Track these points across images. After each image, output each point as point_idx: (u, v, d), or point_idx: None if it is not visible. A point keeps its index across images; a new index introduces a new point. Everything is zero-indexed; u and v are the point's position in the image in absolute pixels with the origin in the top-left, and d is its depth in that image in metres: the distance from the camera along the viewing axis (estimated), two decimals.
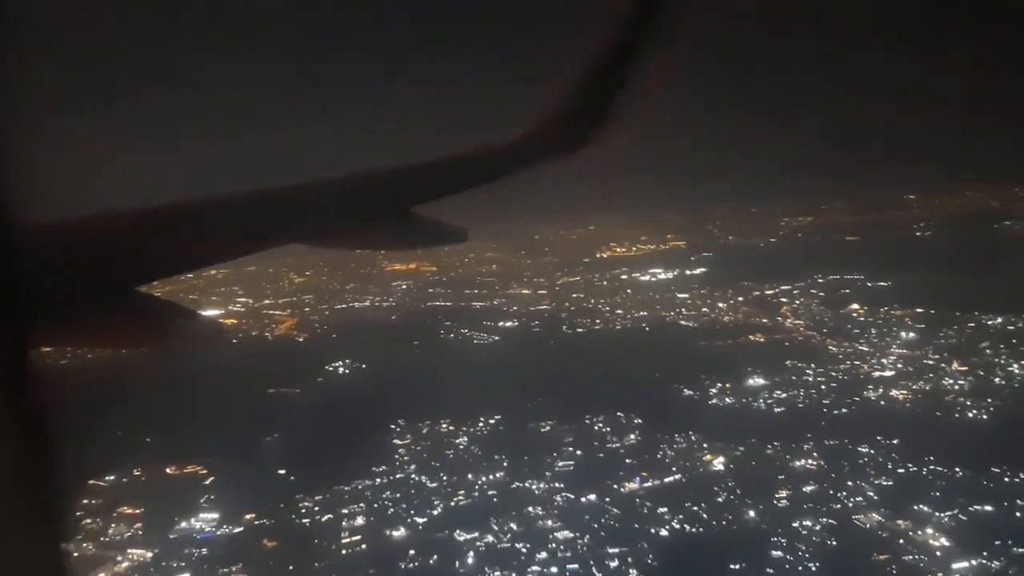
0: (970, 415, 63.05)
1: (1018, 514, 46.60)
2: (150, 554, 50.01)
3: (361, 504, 55.44)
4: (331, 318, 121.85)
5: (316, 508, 55.06)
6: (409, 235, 7.62)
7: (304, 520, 53.75)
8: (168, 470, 60.77)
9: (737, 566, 43.66)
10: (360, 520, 53.10)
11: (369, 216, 7.17)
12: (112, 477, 59.37)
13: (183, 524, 53.31)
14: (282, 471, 60.36)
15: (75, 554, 50.55)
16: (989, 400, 65.04)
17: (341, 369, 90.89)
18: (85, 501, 56.52)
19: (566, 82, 8.57)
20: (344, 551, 49.71)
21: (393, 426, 69.76)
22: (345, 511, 54.56)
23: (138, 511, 54.69)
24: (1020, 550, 42.75)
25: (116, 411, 70.32)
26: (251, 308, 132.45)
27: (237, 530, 52.43)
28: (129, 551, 50.49)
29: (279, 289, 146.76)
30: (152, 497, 56.62)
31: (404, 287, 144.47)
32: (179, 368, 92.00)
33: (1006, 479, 50.07)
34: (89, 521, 53.88)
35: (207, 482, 59.26)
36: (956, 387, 69.40)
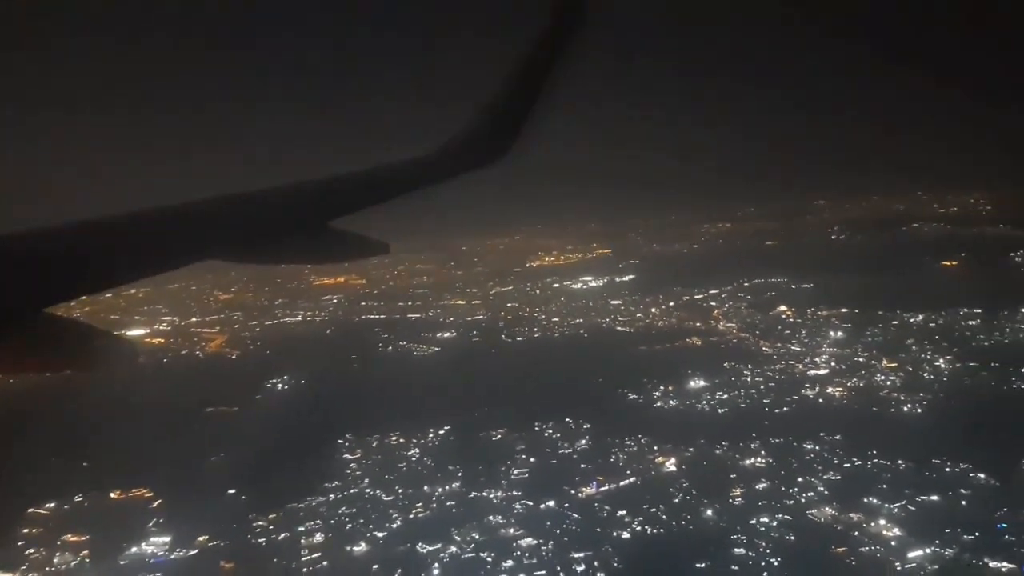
0: (905, 409, 65.88)
1: (963, 503, 48.94)
2: None
3: (317, 521, 54.56)
4: (263, 334, 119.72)
5: (271, 527, 53.93)
6: (330, 249, 7.49)
7: (260, 540, 52.58)
8: (112, 495, 58.73)
9: (702, 564, 44.62)
10: (319, 537, 52.25)
11: (287, 231, 7.05)
12: (52, 504, 57.04)
13: (133, 549, 51.55)
14: (231, 491, 58.91)
15: None
16: (921, 395, 68.12)
17: (280, 386, 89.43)
18: (26, 531, 54.21)
19: (481, 95, 8.75)
20: (305, 569, 48.83)
21: (341, 441, 68.93)
22: (301, 528, 53.59)
23: (83, 538, 52.72)
24: (970, 537, 44.88)
25: (47, 437, 67.92)
26: (177, 327, 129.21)
27: (191, 553, 50.98)
28: None
29: (205, 306, 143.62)
30: (97, 523, 54.58)
31: (335, 301, 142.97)
32: (108, 391, 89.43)
33: (947, 469, 52.54)
34: (32, 551, 51.65)
35: (154, 506, 57.49)
36: (888, 383, 72.45)
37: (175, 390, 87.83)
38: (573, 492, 56.08)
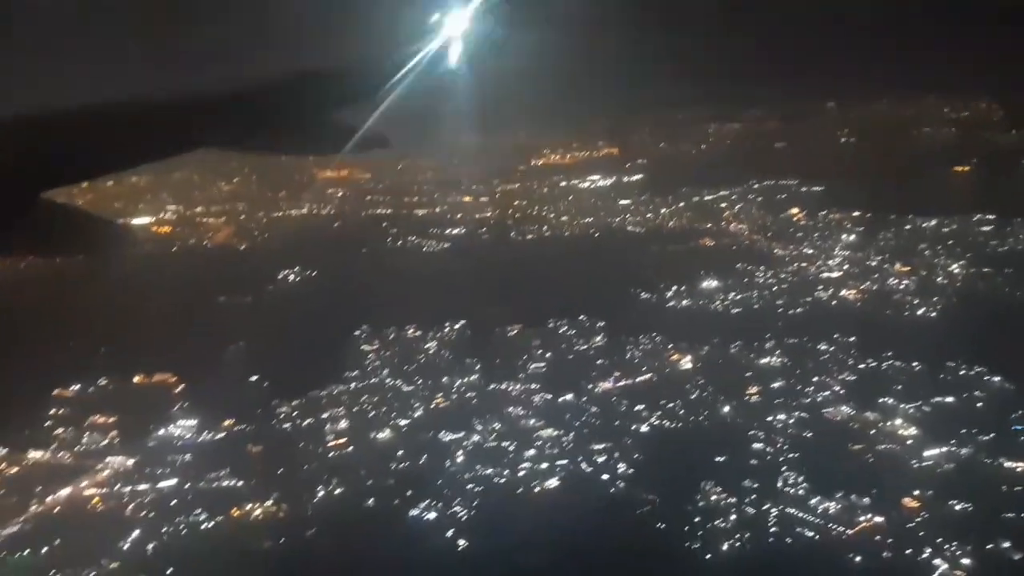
0: (919, 313, 66.52)
1: (979, 404, 49.93)
2: (131, 461, 49.35)
3: (340, 408, 55.49)
4: (269, 226, 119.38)
5: (295, 413, 54.86)
6: (329, 140, 7.44)
7: (284, 425, 53.63)
8: (135, 379, 59.39)
9: (721, 459, 45.74)
10: (343, 424, 53.31)
11: (287, 120, 6.88)
12: (77, 387, 57.73)
13: (160, 431, 52.63)
14: (253, 378, 59.62)
15: (50, 464, 49.76)
16: (935, 299, 68.66)
17: (291, 277, 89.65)
18: (52, 411, 55.14)
19: None
20: (331, 454, 50.00)
21: (358, 332, 69.25)
22: (325, 415, 54.55)
23: (110, 420, 53.64)
24: (985, 438, 45.94)
25: (65, 321, 68.36)
26: (183, 216, 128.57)
27: (218, 436, 52.07)
28: (108, 459, 49.70)
29: (209, 196, 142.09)
30: (122, 406, 55.40)
31: (340, 195, 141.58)
32: (121, 277, 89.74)
33: (961, 372, 53.29)
34: (60, 431, 52.68)
35: (178, 390, 58.22)
36: (902, 287, 72.90)
37: (187, 279, 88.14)
38: (590, 387, 56.92)
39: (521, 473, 46.23)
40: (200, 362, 61.86)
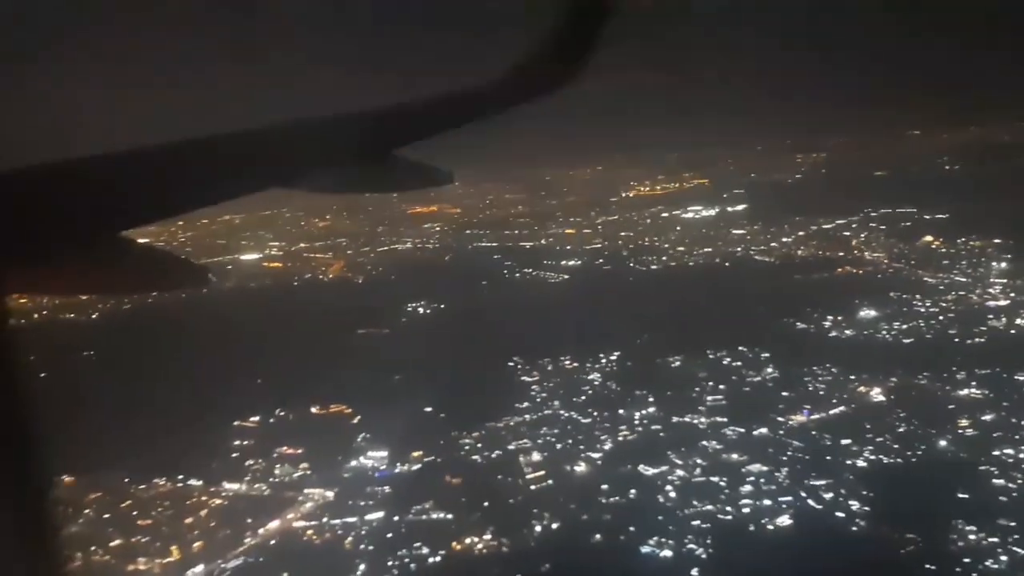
0: None
1: None
2: (330, 493, 48.52)
3: (525, 440, 54.20)
4: (379, 260, 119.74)
5: (479, 445, 53.74)
6: (394, 177, 7.52)
7: (474, 457, 52.45)
8: (313, 410, 58.99)
9: (964, 495, 43.12)
10: (535, 456, 51.87)
11: (352, 158, 7.01)
12: (257, 418, 57.56)
13: (352, 463, 51.80)
14: (427, 409, 58.85)
15: (249, 496, 49.24)
16: None
17: (420, 309, 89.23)
18: (237, 442, 54.99)
19: (545, 22, 8.48)
20: (532, 487, 48.51)
21: (511, 364, 68.43)
22: (512, 447, 53.31)
23: (298, 451, 53.10)
24: None
25: (223, 354, 68.55)
26: (288, 251, 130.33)
27: (414, 468, 51.06)
28: (306, 490, 48.97)
29: (307, 233, 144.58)
30: (306, 437, 54.97)
31: (438, 229, 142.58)
32: (251, 309, 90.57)
33: None
34: (251, 462, 52.30)
35: (355, 421, 57.64)
36: None
37: (318, 311, 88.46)
38: (781, 419, 54.71)
39: (746, 510, 44.08)
40: (369, 393, 61.38)
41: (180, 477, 50.44)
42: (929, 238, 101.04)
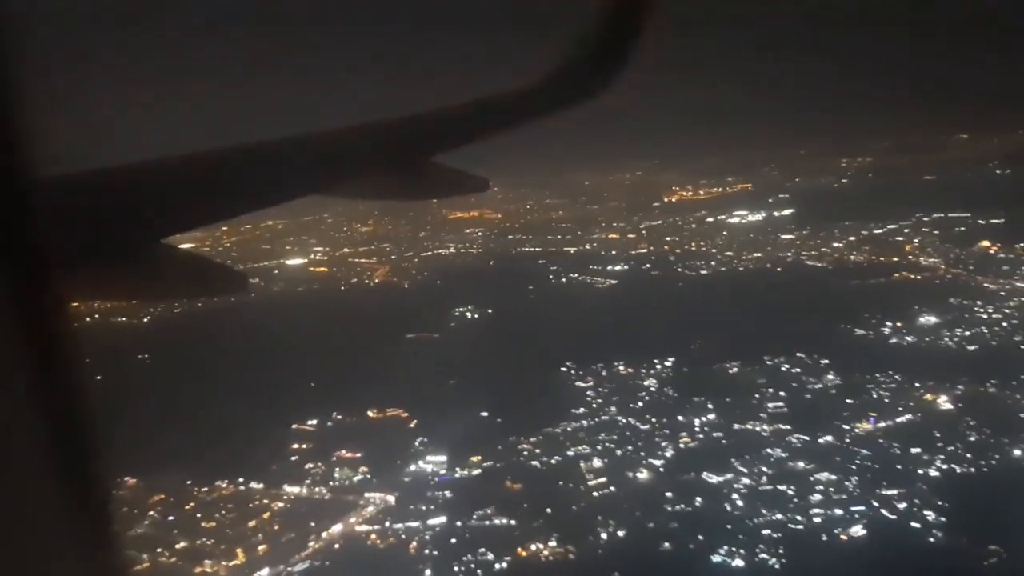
0: None
1: None
2: (391, 497, 48.32)
3: (584, 447, 53.64)
4: (423, 265, 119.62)
5: (538, 451, 53.29)
6: (430, 184, 7.55)
7: (533, 463, 52.01)
8: (369, 414, 58.92)
9: None
10: (596, 462, 51.29)
11: (387, 165, 7.08)
12: (315, 421, 57.62)
13: (411, 468, 51.59)
14: (483, 413, 58.49)
15: (311, 499, 49.23)
16: None
17: (468, 314, 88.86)
18: (295, 445, 55.04)
19: (584, 25, 8.38)
20: (595, 493, 47.93)
21: (564, 369, 67.83)
22: (571, 453, 52.79)
23: (357, 455, 53.02)
24: None
25: (275, 356, 68.79)
26: (333, 256, 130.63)
27: (474, 473, 50.71)
28: (367, 495, 48.84)
29: (350, 238, 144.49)
30: (363, 441, 54.88)
31: (480, 234, 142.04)
32: (300, 312, 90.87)
33: None
34: (311, 466, 52.31)
35: (411, 426, 57.45)
36: None
37: (366, 315, 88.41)
38: (847, 427, 53.53)
39: (817, 519, 43.13)
40: (424, 398, 61.17)
41: (240, 480, 50.59)
42: (986, 243, 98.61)
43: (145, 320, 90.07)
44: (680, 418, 56.91)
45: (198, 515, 46.28)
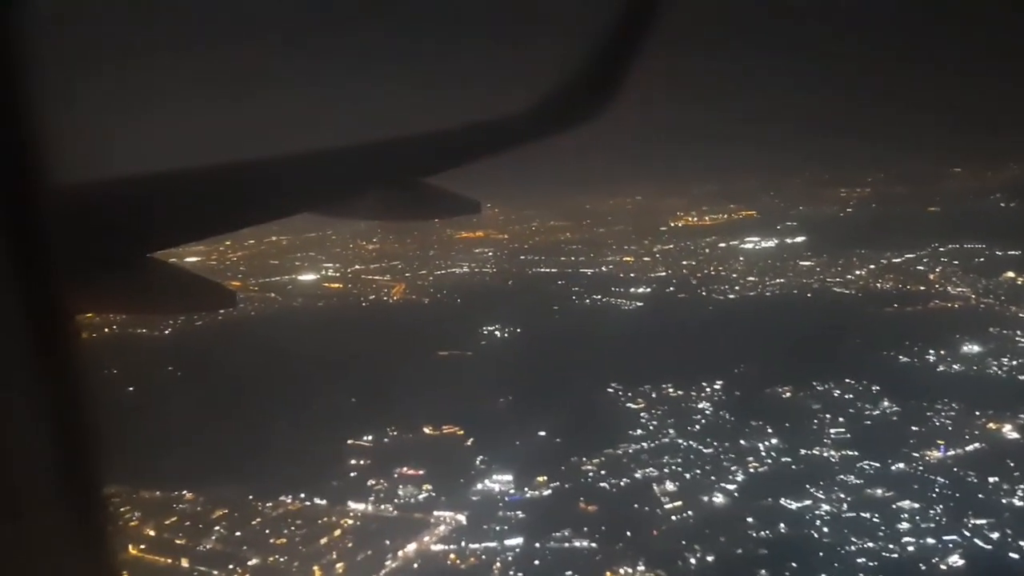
0: None
1: None
2: (461, 516, 46.97)
3: (651, 469, 52.65)
4: (439, 283, 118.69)
5: (603, 472, 52.19)
6: (421, 205, 7.55)
7: (602, 484, 50.86)
8: (425, 431, 57.58)
9: None
10: (668, 485, 50.23)
11: (381, 185, 7.03)
12: (371, 437, 56.23)
13: (478, 486, 50.27)
14: (541, 432, 57.35)
15: (379, 516, 47.79)
16: None
17: (497, 333, 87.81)
18: (354, 461, 53.64)
19: (576, 53, 8.43)
20: (673, 517, 46.83)
21: (610, 390, 66.84)
22: (639, 475, 51.75)
23: (419, 472, 51.65)
24: None
25: (315, 371, 67.35)
26: (344, 273, 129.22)
27: (544, 493, 49.47)
28: (436, 513, 47.47)
29: (359, 255, 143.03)
30: (423, 458, 53.54)
31: (490, 254, 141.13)
32: (326, 328, 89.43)
33: None
34: (372, 482, 50.89)
35: (468, 443, 56.17)
36: None
37: (393, 333, 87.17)
38: (917, 455, 52.86)
39: (910, 548, 42.28)
40: (476, 415, 59.99)
41: (303, 495, 49.06)
42: (1011, 274, 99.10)
43: (166, 332, 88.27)
44: (743, 442, 56.10)
45: (266, 531, 44.70)
